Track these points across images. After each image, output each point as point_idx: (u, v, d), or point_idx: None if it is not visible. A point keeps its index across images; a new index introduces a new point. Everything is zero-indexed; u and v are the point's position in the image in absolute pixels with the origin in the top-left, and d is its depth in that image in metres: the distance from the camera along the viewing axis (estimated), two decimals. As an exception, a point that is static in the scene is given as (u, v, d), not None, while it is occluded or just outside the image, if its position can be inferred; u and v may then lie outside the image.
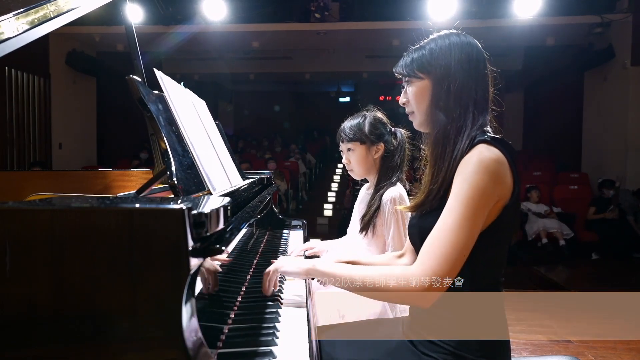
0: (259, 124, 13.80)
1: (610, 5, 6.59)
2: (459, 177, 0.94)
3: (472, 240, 0.91)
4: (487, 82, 1.06)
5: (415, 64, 1.07)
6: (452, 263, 0.90)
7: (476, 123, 1.01)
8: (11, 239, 0.56)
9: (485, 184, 0.91)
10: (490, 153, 0.94)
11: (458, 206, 0.91)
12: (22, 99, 6.86)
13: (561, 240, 5.66)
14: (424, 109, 1.07)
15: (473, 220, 0.91)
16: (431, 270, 0.90)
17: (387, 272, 0.97)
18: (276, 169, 7.72)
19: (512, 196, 0.96)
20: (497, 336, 1.01)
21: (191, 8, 6.75)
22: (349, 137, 1.68)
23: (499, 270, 1.03)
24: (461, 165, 0.95)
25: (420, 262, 0.93)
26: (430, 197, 1.02)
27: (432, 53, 1.05)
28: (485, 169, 0.92)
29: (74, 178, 1.85)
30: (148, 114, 0.97)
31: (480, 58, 1.06)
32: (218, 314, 0.97)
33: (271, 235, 1.88)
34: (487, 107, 1.06)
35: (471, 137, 0.99)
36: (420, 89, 1.07)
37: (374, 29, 7.17)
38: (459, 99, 1.02)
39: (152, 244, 0.57)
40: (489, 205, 0.93)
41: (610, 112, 7.08)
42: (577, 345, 2.87)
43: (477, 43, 1.07)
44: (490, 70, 1.08)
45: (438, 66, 1.04)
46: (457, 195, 0.93)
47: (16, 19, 0.84)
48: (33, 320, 0.57)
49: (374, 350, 1.12)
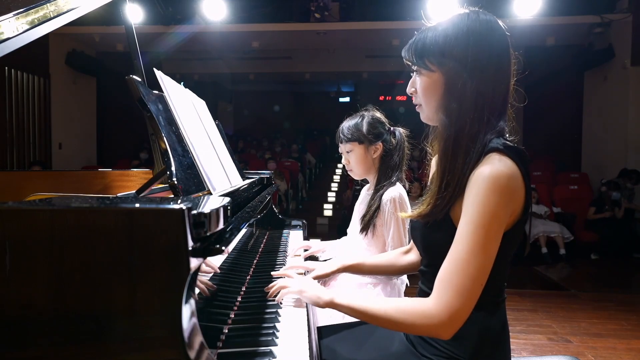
0: (259, 124, 13.81)
1: (610, 5, 6.60)
2: (470, 196, 0.86)
3: (488, 267, 0.85)
4: (508, 79, 0.94)
5: (425, 51, 0.94)
6: (469, 295, 0.84)
7: (492, 128, 0.91)
8: (11, 239, 0.56)
9: (498, 207, 0.84)
10: (503, 166, 0.85)
11: (472, 232, 0.84)
12: (22, 99, 6.87)
13: (562, 249, 5.65)
14: (434, 105, 0.97)
15: (488, 248, 0.85)
16: (449, 304, 0.84)
17: (403, 307, 0.90)
18: (276, 169, 7.72)
19: (524, 210, 0.90)
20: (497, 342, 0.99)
21: (191, 8, 6.75)
22: (347, 138, 1.68)
23: (503, 278, 0.98)
24: (472, 181, 0.87)
25: (437, 296, 0.87)
26: (436, 210, 0.94)
27: (447, 40, 0.92)
28: (498, 188, 0.84)
29: (74, 178, 1.85)
30: (148, 114, 0.97)
31: (504, 48, 0.92)
32: (218, 314, 0.97)
33: (271, 235, 1.88)
34: (506, 106, 0.95)
35: (484, 143, 0.89)
36: (430, 82, 0.96)
37: (373, 29, 7.17)
38: (475, 100, 0.90)
39: (152, 244, 0.57)
40: (503, 227, 0.87)
41: (610, 112, 7.09)
42: (577, 345, 2.87)
43: (500, 26, 0.93)
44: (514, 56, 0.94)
45: (452, 59, 0.91)
46: (469, 222, 0.85)
47: (16, 19, 0.84)
48: (33, 320, 0.57)
49: (373, 350, 1.12)
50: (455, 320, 0.85)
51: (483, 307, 0.90)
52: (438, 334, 0.87)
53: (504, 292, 1.00)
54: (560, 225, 5.82)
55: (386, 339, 1.13)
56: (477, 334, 0.95)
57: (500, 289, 0.99)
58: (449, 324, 0.85)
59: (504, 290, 1.00)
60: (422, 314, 0.87)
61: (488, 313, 0.96)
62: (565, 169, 8.01)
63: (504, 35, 0.93)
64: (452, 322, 0.85)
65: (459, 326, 0.86)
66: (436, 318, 0.85)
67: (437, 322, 0.85)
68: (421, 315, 0.87)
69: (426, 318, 0.86)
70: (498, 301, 0.98)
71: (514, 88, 0.96)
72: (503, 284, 0.99)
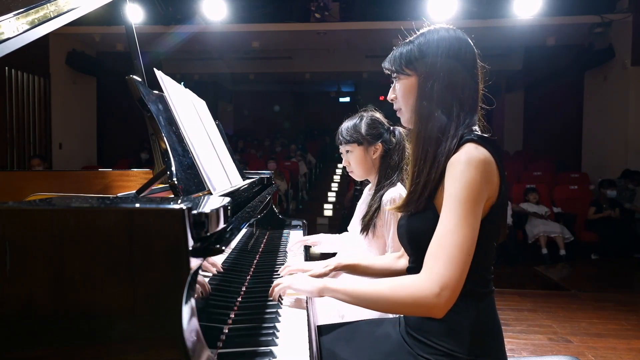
0: (259, 124, 13.81)
1: (610, 5, 6.60)
2: (449, 178, 0.93)
3: (474, 238, 0.90)
4: (476, 81, 1.04)
5: (402, 59, 1.06)
6: (459, 265, 0.88)
7: (462, 122, 1.00)
8: (11, 239, 0.56)
9: (476, 181, 0.91)
10: (478, 153, 0.93)
11: (454, 207, 0.90)
12: (22, 99, 6.87)
13: (562, 250, 5.65)
14: (411, 106, 1.06)
15: (472, 218, 0.90)
16: (439, 275, 0.87)
17: (395, 284, 0.94)
18: (276, 169, 7.72)
19: (499, 196, 0.96)
20: (491, 335, 1.00)
21: (191, 8, 6.75)
22: (347, 139, 1.68)
23: (487, 269, 1.01)
24: (449, 166, 0.95)
25: (427, 268, 0.90)
26: (413, 197, 1.01)
27: (421, 48, 1.04)
28: (475, 165, 0.92)
29: (74, 178, 1.85)
30: (148, 114, 0.97)
31: (469, 55, 1.04)
32: (218, 314, 0.97)
33: (271, 235, 1.88)
34: (476, 106, 1.05)
35: (458, 136, 0.98)
36: (407, 85, 1.07)
37: (374, 29, 7.17)
38: (444, 97, 1.01)
39: (152, 244, 0.57)
40: (482, 202, 0.93)
41: (610, 112, 7.09)
42: (577, 345, 2.87)
43: (468, 39, 1.06)
44: (481, 67, 1.06)
45: (424, 63, 1.03)
46: (451, 196, 0.92)
47: (16, 19, 0.84)
48: (33, 320, 0.57)
49: (373, 350, 1.12)
50: (446, 290, 0.87)
51: (469, 296, 0.93)
52: (431, 309, 0.89)
53: (490, 284, 1.03)
54: (560, 226, 5.82)
55: (384, 339, 1.13)
56: (468, 327, 0.97)
57: (487, 280, 1.01)
58: (440, 294, 0.87)
59: (490, 282, 1.03)
60: (414, 287, 0.90)
61: (475, 303, 0.98)
62: (565, 169, 8.01)
63: (470, 45, 1.05)
64: (444, 293, 0.87)
65: (451, 299, 0.88)
66: (428, 289, 0.88)
67: (429, 294, 0.88)
68: (413, 288, 0.90)
69: (418, 291, 0.89)
70: (485, 292, 1.00)
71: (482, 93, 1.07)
72: (489, 274, 1.02)
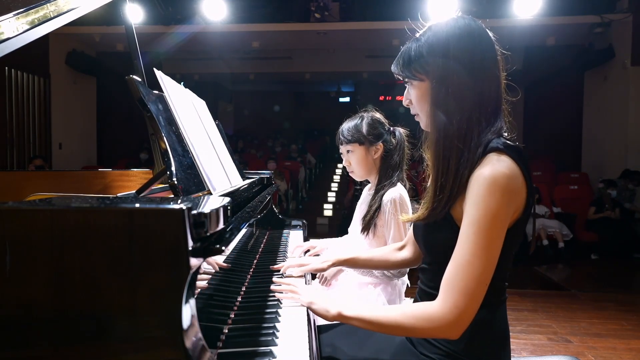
0: (259, 124, 13.81)
1: (610, 5, 6.60)
2: (470, 198, 0.87)
3: (491, 267, 0.87)
4: (496, 78, 0.94)
5: (413, 64, 0.97)
6: (474, 296, 0.85)
7: (485, 128, 0.92)
8: (11, 239, 0.56)
9: (499, 207, 0.85)
10: (502, 166, 0.86)
11: (473, 235, 0.85)
12: (22, 99, 6.87)
13: (560, 243, 5.65)
14: (426, 111, 0.99)
15: (491, 248, 0.85)
16: (455, 306, 0.86)
17: (412, 314, 0.91)
18: (276, 169, 7.72)
19: (525, 208, 0.90)
20: (499, 340, 0.99)
21: (191, 8, 6.75)
22: (347, 139, 1.68)
23: (504, 278, 0.99)
24: (472, 182, 0.87)
25: (443, 298, 0.88)
26: (434, 213, 0.95)
27: (429, 48, 0.94)
28: (499, 189, 0.84)
29: (74, 178, 1.85)
30: (148, 114, 0.97)
31: (485, 45, 0.93)
32: (218, 314, 0.97)
33: (271, 235, 1.88)
34: (499, 104, 0.95)
35: (484, 144, 0.90)
36: (420, 90, 0.98)
37: (374, 29, 7.17)
38: (460, 102, 0.91)
39: (152, 244, 0.57)
40: (505, 227, 0.87)
41: (610, 112, 7.08)
42: (577, 345, 2.87)
43: (482, 30, 0.94)
44: (500, 53, 0.95)
45: (435, 65, 0.93)
46: (470, 223, 0.86)
47: (16, 19, 0.84)
48: (33, 320, 0.57)
49: (373, 350, 1.12)
50: (462, 321, 0.86)
51: (484, 306, 0.91)
52: (447, 336, 0.89)
53: (505, 292, 1.01)
54: (559, 223, 5.83)
55: (386, 338, 1.13)
56: (477, 333, 0.95)
57: (502, 289, 0.99)
58: (456, 324, 0.86)
59: (505, 290, 1.00)
60: (429, 317, 0.89)
61: (488, 312, 0.96)
62: (565, 169, 8.01)
63: (485, 34, 0.94)
64: (459, 323, 0.86)
65: (466, 326, 0.87)
66: (444, 320, 0.87)
67: (445, 324, 0.87)
68: (429, 318, 0.89)
69: (434, 321, 0.88)
70: (499, 301, 0.99)
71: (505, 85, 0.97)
72: (504, 283, 1.00)
